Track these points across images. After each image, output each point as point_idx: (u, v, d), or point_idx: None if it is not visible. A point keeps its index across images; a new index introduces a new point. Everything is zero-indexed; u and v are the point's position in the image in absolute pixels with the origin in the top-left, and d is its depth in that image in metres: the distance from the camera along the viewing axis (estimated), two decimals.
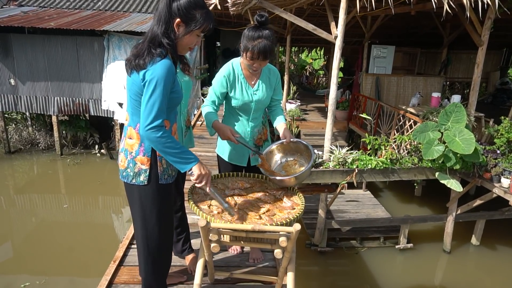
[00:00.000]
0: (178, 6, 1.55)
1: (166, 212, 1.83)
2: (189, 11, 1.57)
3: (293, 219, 1.70)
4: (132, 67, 1.58)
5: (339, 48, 3.87)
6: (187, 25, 1.59)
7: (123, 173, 1.76)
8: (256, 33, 1.99)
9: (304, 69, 15.87)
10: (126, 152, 1.73)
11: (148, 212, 1.76)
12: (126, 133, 1.74)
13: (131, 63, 1.58)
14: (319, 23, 7.12)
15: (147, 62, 1.53)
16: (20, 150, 8.48)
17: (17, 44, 7.58)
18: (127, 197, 1.83)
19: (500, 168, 3.97)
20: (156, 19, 1.57)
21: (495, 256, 4.92)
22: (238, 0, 4.60)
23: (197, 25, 1.60)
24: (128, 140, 1.72)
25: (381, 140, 4.22)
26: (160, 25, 1.56)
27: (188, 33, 1.61)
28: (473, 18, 3.86)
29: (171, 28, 1.57)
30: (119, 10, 9.44)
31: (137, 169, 1.71)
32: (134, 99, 1.64)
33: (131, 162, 1.72)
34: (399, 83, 7.61)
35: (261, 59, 2.04)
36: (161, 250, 1.87)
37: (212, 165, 4.86)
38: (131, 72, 1.60)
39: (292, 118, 7.55)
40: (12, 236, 5.20)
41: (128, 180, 1.74)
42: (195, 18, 1.59)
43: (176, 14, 1.56)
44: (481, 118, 5.08)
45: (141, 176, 1.72)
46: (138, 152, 1.71)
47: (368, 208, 5.72)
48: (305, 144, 2.19)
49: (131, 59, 1.59)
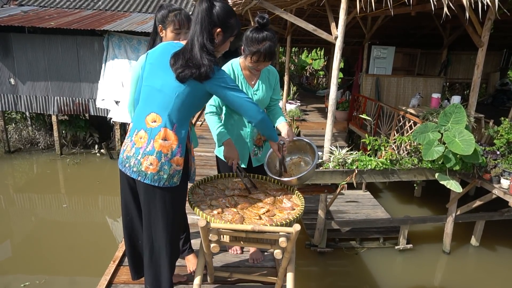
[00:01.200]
0: (217, 15, 1.63)
1: (183, 213, 1.87)
2: (227, 20, 1.66)
3: (293, 220, 1.70)
4: (188, 76, 1.62)
5: (339, 49, 3.87)
6: (225, 34, 1.69)
7: (153, 177, 1.68)
8: (260, 35, 2.00)
9: (304, 70, 15.87)
10: (160, 154, 1.68)
11: (172, 213, 1.75)
12: (157, 134, 1.68)
13: (185, 73, 1.62)
14: (319, 24, 7.14)
15: (210, 72, 1.62)
16: (20, 150, 8.48)
17: (17, 44, 7.58)
18: (145, 201, 1.75)
19: (500, 169, 3.97)
20: (198, 27, 1.62)
21: (495, 257, 4.93)
22: (238, 1, 4.61)
23: (233, 33, 1.71)
24: (162, 142, 1.68)
25: (381, 141, 4.22)
26: (204, 34, 1.62)
27: (226, 41, 1.71)
28: (473, 19, 3.86)
29: (212, 37, 1.65)
30: (119, 10, 9.44)
31: (172, 170, 1.70)
32: (182, 102, 1.68)
33: (165, 164, 1.68)
34: (399, 83, 7.61)
35: (266, 60, 2.06)
36: (174, 250, 1.85)
37: (212, 165, 4.87)
38: (187, 80, 1.64)
39: (292, 118, 7.55)
40: (12, 236, 5.20)
41: (160, 184, 1.69)
42: (232, 26, 1.70)
43: (217, 24, 1.64)
44: (481, 119, 5.08)
45: (175, 177, 1.72)
46: (176, 153, 1.70)
47: (368, 209, 5.72)
48: (307, 141, 2.20)
49: (184, 70, 1.62)
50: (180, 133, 1.71)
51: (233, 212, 1.78)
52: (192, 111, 1.77)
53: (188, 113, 1.74)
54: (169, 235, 1.78)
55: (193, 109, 1.76)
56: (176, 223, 1.81)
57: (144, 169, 1.70)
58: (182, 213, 1.86)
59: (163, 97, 1.69)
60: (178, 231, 1.86)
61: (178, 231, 1.86)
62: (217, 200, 1.87)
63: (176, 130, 1.70)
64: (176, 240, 1.89)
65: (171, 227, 1.78)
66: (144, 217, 1.80)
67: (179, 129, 1.71)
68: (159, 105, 1.69)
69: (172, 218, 1.77)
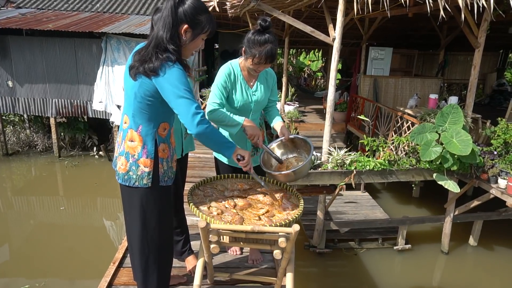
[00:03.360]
0: (184, 12, 1.56)
1: (166, 214, 1.83)
2: (196, 16, 1.59)
3: (292, 220, 1.71)
4: (139, 72, 1.58)
5: (337, 50, 3.89)
6: (194, 30, 1.61)
7: (124, 176, 1.74)
8: (262, 38, 2.02)
9: (302, 71, 15.90)
10: (128, 155, 1.72)
11: (149, 215, 1.76)
12: (126, 136, 1.72)
13: (138, 69, 1.58)
14: (317, 25, 7.17)
15: (158, 67, 1.54)
16: (18, 152, 8.46)
17: (15, 46, 7.57)
18: (124, 201, 1.81)
19: (497, 169, 4.00)
20: (161, 25, 1.57)
21: (493, 256, 4.95)
22: (236, 3, 4.63)
23: (204, 30, 1.63)
24: (129, 143, 1.72)
25: (379, 142, 4.24)
26: (165, 31, 1.56)
27: (195, 38, 1.64)
28: (469, 20, 3.89)
29: (177, 34, 1.58)
30: (117, 12, 9.44)
31: (140, 172, 1.71)
32: (139, 101, 1.64)
33: (133, 165, 1.71)
34: (396, 84, 7.64)
35: (267, 63, 2.08)
36: (161, 252, 1.86)
37: (211, 167, 4.87)
38: (138, 77, 1.60)
39: (290, 119, 7.56)
40: (10, 238, 5.19)
41: (130, 184, 1.73)
42: (201, 22, 1.61)
43: (183, 20, 1.57)
44: (478, 119, 5.10)
45: (144, 179, 1.71)
46: (141, 155, 1.70)
47: (367, 210, 5.74)
48: (302, 138, 2.22)
49: (135, 65, 1.59)
50: (145, 135, 1.69)
51: (232, 213, 1.79)
52: (159, 113, 1.69)
53: (154, 115, 1.68)
54: (145, 234, 1.77)
55: (157, 110, 1.67)
56: (152, 226, 1.78)
57: (117, 169, 1.77)
58: (161, 215, 1.80)
59: (127, 98, 1.71)
60: (161, 231, 1.81)
61: (161, 231, 1.81)
62: (217, 201, 1.88)
63: (141, 131, 1.69)
64: (158, 245, 1.83)
65: (145, 228, 1.77)
66: (124, 218, 1.85)
67: (144, 130, 1.69)
68: (126, 107, 1.72)
69: (146, 219, 1.75)
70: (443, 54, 8.25)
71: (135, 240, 1.82)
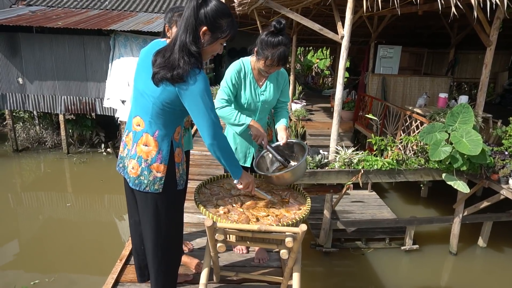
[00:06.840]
0: (205, 14, 1.50)
1: (179, 218, 1.83)
2: (216, 20, 1.52)
3: (300, 220, 1.70)
4: (166, 78, 1.51)
5: (345, 48, 3.86)
6: (213, 34, 1.55)
7: (134, 180, 1.69)
8: (276, 40, 2.00)
9: (310, 69, 15.83)
10: (140, 159, 1.67)
11: (163, 220, 1.74)
12: (139, 139, 1.67)
13: (166, 75, 1.51)
14: (325, 23, 7.11)
15: (186, 74, 1.49)
16: (28, 149, 8.57)
17: (25, 43, 7.66)
18: (138, 204, 1.78)
19: (508, 170, 3.93)
20: (183, 26, 1.51)
21: (502, 258, 4.88)
22: (244, 0, 4.61)
23: (223, 34, 1.57)
24: (143, 147, 1.66)
25: (387, 141, 4.20)
26: (188, 33, 1.50)
27: (213, 42, 1.57)
28: (482, 18, 3.82)
29: (198, 36, 1.53)
30: (126, 10, 9.49)
31: (152, 177, 1.67)
32: (159, 107, 1.59)
33: (145, 170, 1.66)
34: (405, 83, 7.56)
35: (279, 65, 2.06)
36: (173, 253, 1.85)
37: (217, 165, 4.87)
38: (162, 83, 1.54)
39: (297, 118, 7.53)
40: (20, 234, 5.26)
41: (140, 188, 1.69)
42: (222, 26, 1.55)
43: (203, 22, 1.51)
44: (489, 119, 5.03)
45: (156, 184, 1.67)
46: (155, 160, 1.66)
47: (374, 209, 5.70)
48: (297, 142, 2.19)
49: (160, 71, 1.52)
50: (161, 140, 1.65)
51: (239, 212, 1.79)
52: (177, 118, 1.67)
53: (171, 120, 1.65)
54: (158, 241, 1.76)
55: (175, 116, 1.65)
56: (165, 230, 1.76)
57: (128, 172, 1.73)
58: (175, 218, 1.80)
59: (144, 101, 1.63)
60: (173, 235, 1.80)
61: (173, 235, 1.80)
62: (223, 199, 1.88)
63: (158, 136, 1.64)
64: (170, 248, 1.83)
65: (159, 233, 1.75)
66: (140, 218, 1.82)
67: (161, 135, 1.65)
68: (142, 109, 1.65)
69: (160, 224, 1.74)
70: (453, 52, 8.14)
71: (148, 242, 1.80)
